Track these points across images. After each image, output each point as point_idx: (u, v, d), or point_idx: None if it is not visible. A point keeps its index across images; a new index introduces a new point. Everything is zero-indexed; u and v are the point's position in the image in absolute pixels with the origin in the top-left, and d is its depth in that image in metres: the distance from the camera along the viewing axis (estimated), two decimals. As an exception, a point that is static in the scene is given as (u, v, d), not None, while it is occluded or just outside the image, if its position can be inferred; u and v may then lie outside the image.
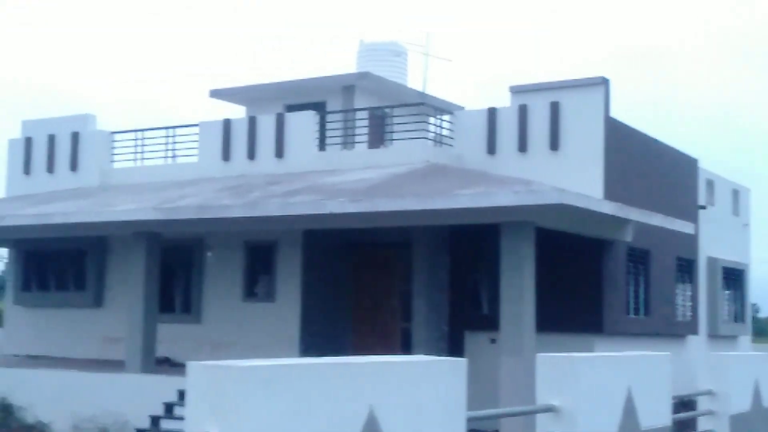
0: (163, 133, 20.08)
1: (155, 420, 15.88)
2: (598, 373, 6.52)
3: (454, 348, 16.89)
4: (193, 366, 3.80)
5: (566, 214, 14.44)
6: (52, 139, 21.20)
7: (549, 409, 6.09)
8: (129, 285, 17.70)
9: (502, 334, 14.26)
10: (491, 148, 17.18)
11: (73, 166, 20.88)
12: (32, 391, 17.69)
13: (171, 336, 18.46)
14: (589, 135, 16.53)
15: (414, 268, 17.35)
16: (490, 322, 15.69)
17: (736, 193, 23.81)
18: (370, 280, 18.33)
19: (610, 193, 16.25)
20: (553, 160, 16.65)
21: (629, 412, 6.79)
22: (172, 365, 18.13)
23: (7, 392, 17.88)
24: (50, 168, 21.21)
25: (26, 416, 17.61)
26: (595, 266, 16.83)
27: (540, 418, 6.25)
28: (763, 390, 9.78)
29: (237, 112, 21.80)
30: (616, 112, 17.07)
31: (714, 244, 21.77)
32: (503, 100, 17.39)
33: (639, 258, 18.10)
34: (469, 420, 5.04)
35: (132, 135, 20.55)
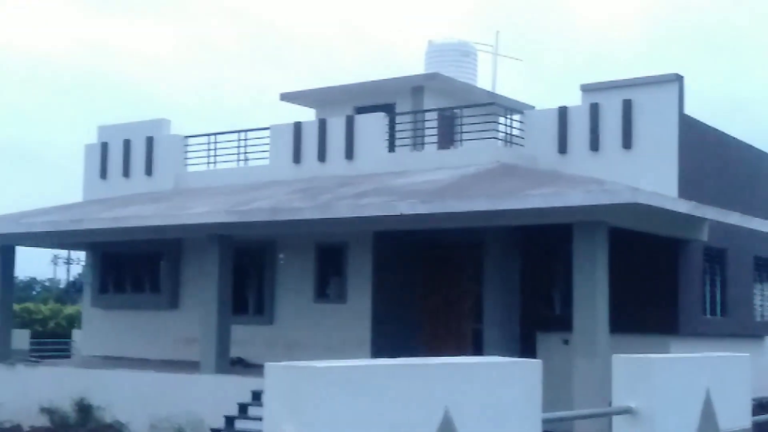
0: (234, 136, 20.35)
1: (230, 420, 16.07)
2: (676, 375, 6.41)
3: (526, 349, 16.76)
4: (271, 367, 3.84)
5: (640, 214, 14.24)
6: (127, 144, 21.63)
7: (626, 411, 6.00)
8: (203, 287, 17.95)
9: (575, 335, 14.12)
10: (562, 148, 17.02)
11: (148, 170, 21.27)
12: (110, 392, 18.06)
13: (244, 337, 18.67)
14: (663, 133, 16.27)
15: (485, 268, 17.27)
16: (562, 323, 15.53)
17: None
18: (440, 281, 18.31)
19: (685, 192, 15.97)
20: (625, 158, 16.43)
21: (707, 414, 6.66)
22: (245, 366, 18.34)
23: (86, 392, 18.28)
24: (126, 172, 21.64)
25: (104, 416, 17.98)
26: (670, 266, 16.56)
27: (616, 420, 6.17)
28: None
29: (307, 114, 21.99)
30: (691, 107, 16.79)
31: (793, 243, 21.22)
32: (574, 99, 17.24)
33: (715, 257, 17.76)
34: (544, 422, 5.00)
35: (205, 139, 20.87)
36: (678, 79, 16.43)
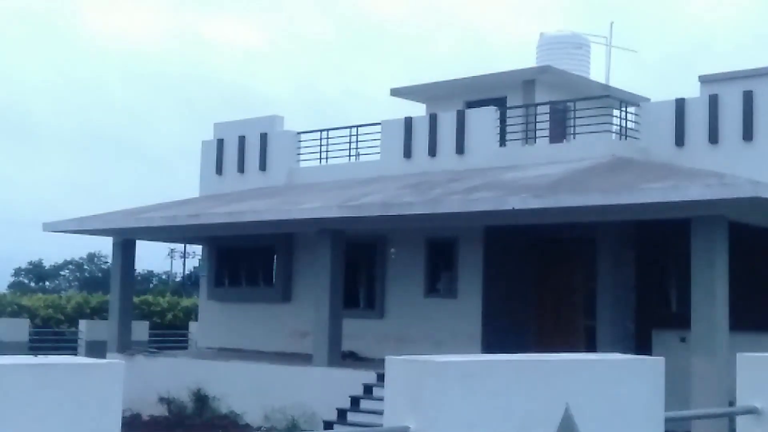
0: (346, 132, 20.54)
1: (342, 413, 16.25)
2: (804, 375, 6.17)
3: (641, 346, 16.42)
4: (391, 360, 3.85)
5: (761, 208, 13.77)
6: (242, 140, 22.07)
7: (751, 411, 5.82)
8: (315, 281, 18.19)
9: (693, 333, 13.76)
10: (680, 140, 16.60)
11: (262, 165, 21.65)
12: (225, 383, 18.48)
13: (355, 331, 18.84)
14: (786, 124, 15.69)
15: (598, 264, 16.98)
16: (679, 321, 15.17)
17: None
18: (552, 276, 18.09)
19: (810, 185, 15.36)
20: (746, 151, 15.92)
21: (839, 416, 6.39)
22: (357, 359, 18.52)
23: (202, 383, 18.75)
24: (240, 168, 22.08)
25: (220, 406, 18.41)
26: (793, 262, 15.96)
27: (740, 420, 5.98)
28: None
29: (417, 110, 22.01)
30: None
31: None
32: (692, 91, 16.79)
33: (842, 254, 17.03)
34: (667, 421, 4.89)
35: (317, 135, 21.12)
36: (802, 68, 15.82)
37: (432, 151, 18.96)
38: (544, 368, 4.22)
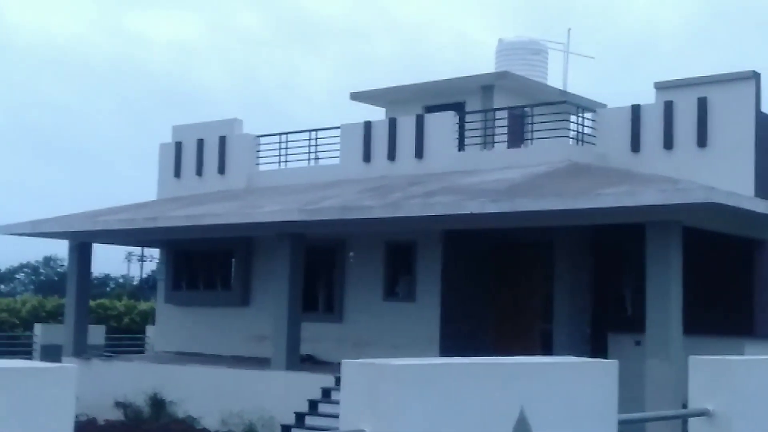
0: (305, 136, 20.52)
1: (300, 416, 16.22)
2: (754, 377, 6.30)
3: (597, 350, 16.60)
4: (347, 364, 3.87)
5: (715, 213, 14.00)
6: (200, 143, 21.96)
7: (703, 413, 5.92)
8: (274, 284, 18.15)
9: (647, 336, 13.94)
10: (635, 146, 16.81)
11: (221, 169, 21.56)
12: (183, 387, 18.37)
13: (314, 334, 18.82)
14: (739, 131, 15.97)
15: (555, 268, 17.15)
16: (634, 324, 15.35)
17: None
18: (510, 280, 18.23)
19: (762, 191, 15.64)
20: (700, 157, 16.16)
21: (788, 418, 6.52)
22: (315, 363, 18.50)
23: (159, 387, 18.62)
24: (199, 171, 21.97)
25: (177, 410, 18.29)
26: (745, 267, 16.25)
27: (693, 422, 6.09)
28: None
29: (377, 114, 22.07)
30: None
31: None
32: (647, 97, 17.01)
33: (793, 258, 17.35)
34: (621, 423, 4.96)
35: (276, 138, 21.08)
36: (755, 76, 16.11)
37: (391, 155, 19.01)
38: (500, 371, 4.27)
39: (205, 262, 21.95)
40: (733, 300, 16.14)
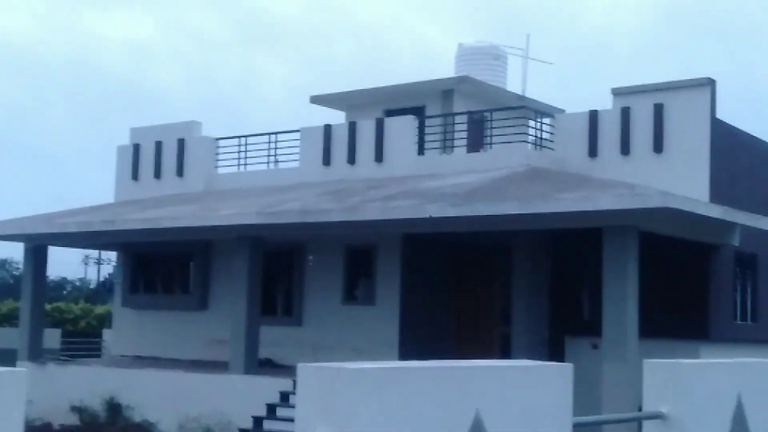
0: (265, 139, 20.45)
1: (258, 420, 16.15)
2: (707, 380, 6.38)
3: (555, 353, 16.72)
4: (303, 368, 3.86)
5: (671, 218, 14.16)
6: (159, 146, 21.80)
7: (656, 416, 5.98)
8: (233, 288, 18.05)
9: (604, 339, 14.06)
10: (593, 151, 16.97)
11: (180, 171, 21.42)
12: (139, 391, 18.20)
13: (273, 338, 18.75)
14: (695, 137, 16.19)
15: (514, 272, 17.24)
16: (591, 328, 15.48)
17: None
18: (470, 284, 18.30)
19: (717, 196, 15.86)
20: (657, 162, 16.35)
21: (739, 419, 6.62)
22: (274, 367, 18.43)
23: (116, 391, 18.44)
24: (157, 173, 21.80)
25: (133, 415, 18.13)
26: (700, 271, 16.46)
27: (647, 425, 6.15)
28: None
29: (337, 117, 22.06)
30: (722, 112, 16.68)
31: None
32: (605, 103, 17.18)
33: (747, 262, 17.62)
34: (575, 426, 5.00)
35: (235, 141, 20.99)
36: (710, 83, 16.33)
37: (351, 159, 19.01)
38: (456, 375, 4.28)
39: (163, 266, 21.77)
40: (689, 304, 16.34)
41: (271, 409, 16.23)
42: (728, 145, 16.74)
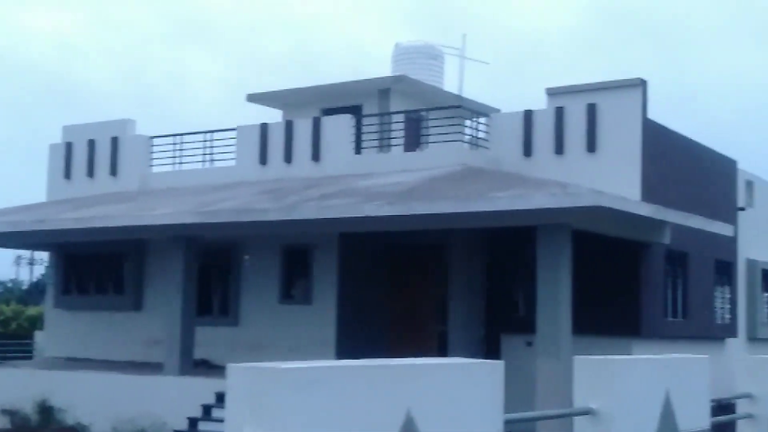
0: (200, 137, 20.27)
1: (193, 422, 16.02)
2: (636, 376, 6.49)
3: (491, 351, 16.87)
4: (233, 368, 3.85)
5: (603, 217, 14.38)
6: (92, 144, 21.47)
7: (586, 412, 6.08)
8: (168, 288, 17.87)
9: (538, 336, 14.23)
10: (527, 151, 17.14)
11: (113, 170, 21.13)
12: (72, 393, 17.91)
13: (209, 338, 18.60)
14: (627, 137, 16.45)
15: (451, 270, 17.35)
16: (526, 325, 15.64)
17: (776, 195, 23.54)
18: (406, 282, 18.36)
19: (648, 195, 16.15)
20: (590, 162, 16.58)
21: (667, 415, 6.75)
22: (209, 367, 18.28)
23: (48, 394, 18.12)
24: (90, 172, 21.48)
25: (66, 418, 17.83)
26: (632, 269, 16.74)
27: (578, 420, 6.24)
28: (804, 394, 9.66)
29: (274, 116, 21.96)
30: (652, 110, 16.98)
31: (753, 246, 21.54)
32: (540, 103, 17.38)
33: (677, 260, 17.97)
34: (507, 423, 5.05)
35: (170, 139, 20.76)
36: (642, 83, 16.61)
37: (288, 158, 18.94)
38: (387, 374, 4.30)
39: (97, 266, 21.45)
40: (621, 301, 16.60)
41: (207, 410, 16.10)
42: (659, 144, 17.05)
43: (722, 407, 9.58)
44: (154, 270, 20.36)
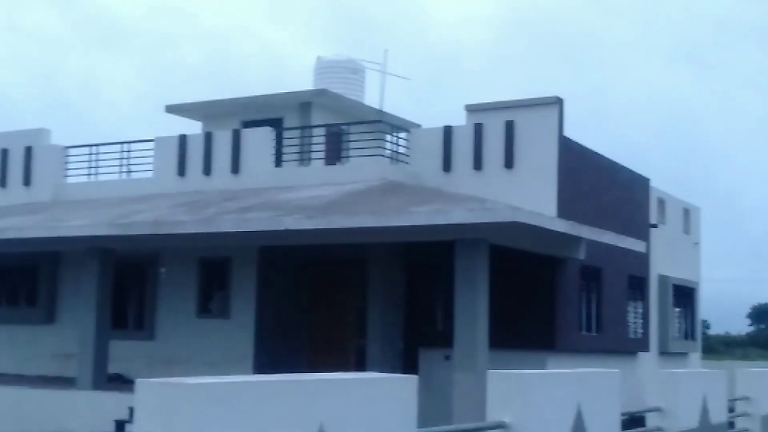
0: (117, 148, 19.96)
1: (107, 438, 15.70)
2: (548, 390, 6.60)
3: (409, 365, 16.92)
4: (142, 383, 3.80)
5: (520, 232, 14.58)
6: (5, 153, 20.97)
7: (499, 426, 6.15)
8: (81, 301, 17.53)
9: (455, 350, 14.33)
10: (447, 166, 17.30)
11: (26, 180, 20.67)
12: (-19, 409, 17.40)
13: (124, 353, 18.29)
14: (543, 154, 16.72)
15: (370, 284, 17.38)
16: (444, 339, 15.74)
17: (686, 212, 24.19)
18: (326, 296, 18.33)
19: (564, 211, 16.43)
20: (507, 178, 16.81)
21: (578, 427, 6.87)
22: (124, 382, 17.95)
23: (-45, 410, 17.58)
24: (2, 182, 20.97)
25: (-26, 434, 17.33)
26: (548, 283, 16.99)
27: (491, 434, 6.31)
28: (711, 407, 9.94)
29: (193, 127, 21.74)
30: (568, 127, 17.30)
31: (665, 262, 22.08)
32: (459, 119, 17.56)
33: (591, 276, 18.30)
34: (420, 437, 5.08)
35: (86, 150, 20.40)
36: (558, 101, 16.91)
37: (207, 170, 18.78)
38: (299, 389, 4.29)
39: (8, 278, 20.93)
40: (537, 315, 16.83)
41: (120, 425, 15.78)
42: (575, 162, 17.38)
43: (634, 420, 9.79)
44: (68, 282, 19.95)
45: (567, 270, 17.25)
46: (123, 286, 18.77)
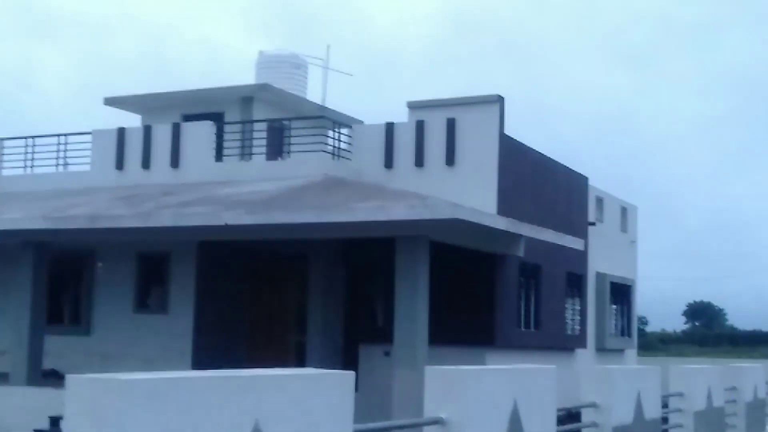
0: (54, 140, 19.63)
1: (40, 434, 15.44)
2: (485, 386, 6.63)
3: (349, 361, 16.91)
4: (72, 379, 3.73)
5: (460, 229, 14.65)
6: (-64, 144, 20.48)
7: (436, 422, 6.16)
8: (15, 296, 17.20)
9: (395, 346, 14.35)
10: (389, 163, 17.32)
11: (-41, 172, 20.21)
12: None
13: (59, 348, 18.00)
14: (484, 151, 16.82)
15: (310, 280, 17.33)
16: (384, 335, 15.77)
17: (624, 211, 24.54)
18: (265, 292, 18.23)
19: (504, 209, 16.55)
20: (448, 175, 16.88)
21: (515, 423, 6.92)
22: (59, 378, 17.66)
23: None
24: (-66, 174, 20.47)
25: None
26: (488, 280, 17.10)
27: (427, 431, 6.32)
28: (645, 403, 10.09)
29: (132, 120, 21.45)
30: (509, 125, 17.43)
31: (602, 260, 22.38)
32: (401, 115, 17.59)
33: (530, 273, 18.47)
34: (356, 433, 5.06)
35: (22, 142, 20.02)
36: (499, 100, 17.03)
37: (146, 164, 18.55)
38: (234, 385, 4.25)
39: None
40: (477, 312, 16.94)
41: (54, 421, 15.52)
42: (515, 159, 17.52)
43: (571, 416, 9.90)
44: (2, 277, 19.54)
45: (506, 267, 17.38)
46: (59, 281, 18.47)
